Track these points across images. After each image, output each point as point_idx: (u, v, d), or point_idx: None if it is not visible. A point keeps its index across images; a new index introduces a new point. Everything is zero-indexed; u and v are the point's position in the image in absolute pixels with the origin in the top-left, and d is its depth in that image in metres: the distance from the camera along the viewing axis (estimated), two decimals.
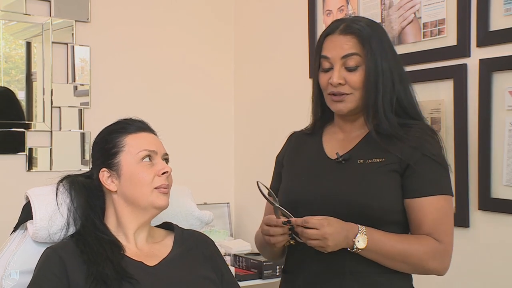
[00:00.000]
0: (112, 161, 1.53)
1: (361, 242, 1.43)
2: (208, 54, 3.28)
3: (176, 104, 3.17)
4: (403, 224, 1.52)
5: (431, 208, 1.48)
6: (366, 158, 1.52)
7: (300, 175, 1.61)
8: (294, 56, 2.93)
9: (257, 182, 1.52)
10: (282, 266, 1.70)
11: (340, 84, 1.52)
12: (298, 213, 1.54)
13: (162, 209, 1.53)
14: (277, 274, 2.82)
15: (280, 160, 1.75)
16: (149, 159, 1.52)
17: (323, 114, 1.66)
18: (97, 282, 1.38)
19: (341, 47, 1.53)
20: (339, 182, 1.51)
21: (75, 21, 2.88)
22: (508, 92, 1.97)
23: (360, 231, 1.43)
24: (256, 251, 2.92)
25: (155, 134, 1.61)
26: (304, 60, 2.85)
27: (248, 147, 3.27)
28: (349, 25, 1.54)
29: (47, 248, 1.48)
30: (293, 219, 1.45)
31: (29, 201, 1.58)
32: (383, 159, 1.51)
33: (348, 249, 1.45)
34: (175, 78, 3.17)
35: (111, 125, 1.59)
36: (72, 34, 2.87)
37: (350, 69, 1.52)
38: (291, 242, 1.56)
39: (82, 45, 2.89)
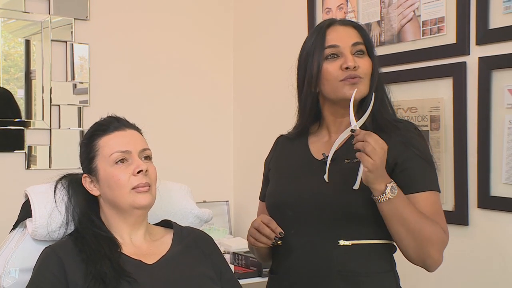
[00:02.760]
0: (91, 166, 1.52)
1: (393, 190, 1.41)
2: (207, 52, 3.28)
3: (175, 102, 3.16)
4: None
5: (427, 202, 1.48)
6: (353, 158, 1.50)
7: (286, 177, 1.60)
8: (293, 55, 2.92)
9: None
10: (270, 266, 1.69)
11: (355, 67, 1.53)
12: (285, 215, 1.56)
13: (145, 208, 1.51)
14: None
15: (267, 164, 1.75)
16: (124, 159, 1.49)
17: (309, 116, 1.64)
18: (95, 280, 1.38)
19: (348, 35, 1.56)
20: (325, 182, 1.51)
21: (74, 19, 2.87)
22: (507, 90, 1.97)
23: (392, 182, 1.43)
24: None
25: (133, 128, 1.57)
26: None
27: (247, 145, 3.27)
28: (345, 20, 1.62)
29: (46, 247, 1.49)
30: (357, 129, 1.42)
31: (28, 199, 1.58)
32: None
33: (341, 240, 1.47)
34: (174, 77, 3.17)
35: (90, 128, 1.57)
36: (71, 32, 2.87)
37: (360, 54, 1.55)
38: (278, 242, 1.56)
39: (81, 43, 2.89)
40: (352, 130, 1.42)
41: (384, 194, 1.41)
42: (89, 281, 1.38)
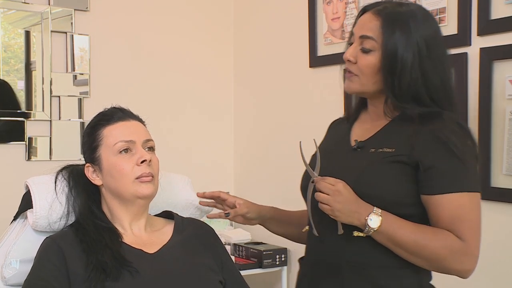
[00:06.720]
0: (94, 156, 1.52)
1: (374, 222, 1.37)
2: (208, 42, 3.27)
3: (176, 92, 3.16)
4: (416, 219, 1.42)
5: (450, 206, 1.38)
6: (378, 147, 1.46)
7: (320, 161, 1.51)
8: (294, 46, 2.92)
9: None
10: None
11: (350, 61, 1.48)
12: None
13: (148, 197, 1.51)
14: (277, 263, 2.83)
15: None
16: (127, 149, 1.50)
17: (358, 102, 1.61)
18: (96, 270, 1.38)
19: (363, 26, 1.48)
20: (347, 170, 1.46)
21: (74, 9, 2.86)
22: (508, 81, 1.97)
23: (374, 211, 1.38)
24: (256, 240, 2.94)
25: (137, 119, 1.57)
26: (304, 49, 2.84)
27: (247, 136, 3.27)
28: (385, 8, 1.48)
29: (46, 238, 1.49)
30: (316, 177, 1.43)
31: (29, 190, 1.58)
32: (394, 150, 1.43)
33: (354, 230, 1.41)
34: (175, 67, 3.17)
35: (94, 117, 1.57)
36: (71, 23, 2.86)
37: (363, 50, 1.46)
38: (306, 228, 1.54)
39: (81, 34, 2.88)
40: (313, 181, 1.43)
41: (367, 227, 1.38)
42: (90, 271, 1.38)
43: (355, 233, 1.41)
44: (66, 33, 2.86)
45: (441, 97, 1.46)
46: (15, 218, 1.63)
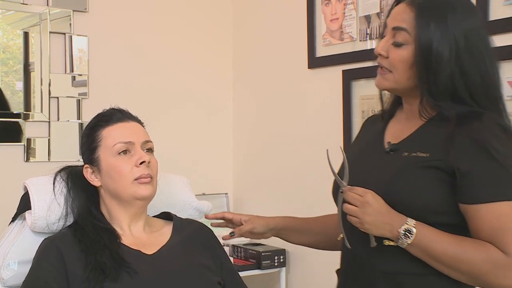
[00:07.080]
0: (93, 157, 1.52)
1: (408, 234, 1.28)
2: (207, 43, 3.27)
3: (175, 93, 3.16)
4: (452, 228, 1.31)
5: (491, 216, 1.26)
6: (412, 151, 1.35)
7: (351, 163, 1.41)
8: (293, 47, 2.92)
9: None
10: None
11: (381, 55, 1.38)
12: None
13: (146, 199, 1.51)
14: (276, 264, 2.83)
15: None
16: (126, 150, 1.50)
17: (393, 99, 1.51)
18: (95, 271, 1.38)
19: (396, 17, 1.37)
20: (378, 176, 1.37)
21: (73, 10, 2.86)
22: (507, 82, 1.97)
23: (408, 223, 1.28)
24: (255, 241, 2.94)
25: (136, 121, 1.57)
26: (302, 50, 2.84)
27: (246, 136, 3.26)
28: None
29: (45, 238, 1.49)
30: (344, 187, 1.35)
31: (27, 191, 1.58)
32: (428, 154, 1.32)
33: (385, 239, 1.32)
34: (174, 67, 3.17)
35: (93, 118, 1.58)
36: (70, 24, 2.86)
37: (395, 44, 1.36)
38: (341, 235, 1.44)
39: (79, 35, 2.88)
40: (342, 191, 1.35)
41: (400, 240, 1.29)
42: (88, 271, 1.38)
43: (386, 242, 1.34)
44: (64, 34, 2.85)
45: (482, 96, 1.34)
46: (14, 219, 1.63)
